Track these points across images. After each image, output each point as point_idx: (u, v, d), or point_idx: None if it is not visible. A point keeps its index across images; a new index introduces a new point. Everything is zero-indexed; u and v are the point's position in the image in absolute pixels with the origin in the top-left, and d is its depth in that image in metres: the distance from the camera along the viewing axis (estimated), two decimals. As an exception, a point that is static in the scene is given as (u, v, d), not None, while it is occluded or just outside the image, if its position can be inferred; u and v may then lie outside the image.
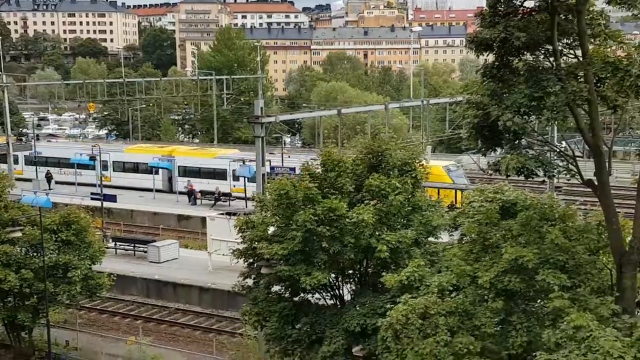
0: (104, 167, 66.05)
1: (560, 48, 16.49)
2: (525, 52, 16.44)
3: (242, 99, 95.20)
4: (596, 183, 16.91)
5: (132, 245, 44.53)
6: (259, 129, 32.74)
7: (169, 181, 63.73)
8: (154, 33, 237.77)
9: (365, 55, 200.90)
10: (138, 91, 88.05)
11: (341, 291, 22.63)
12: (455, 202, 42.17)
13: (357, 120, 78.38)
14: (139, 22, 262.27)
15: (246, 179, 51.74)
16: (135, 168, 65.08)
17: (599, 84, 16.23)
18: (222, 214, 41.55)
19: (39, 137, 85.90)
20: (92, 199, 55.80)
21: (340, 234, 20.54)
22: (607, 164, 16.77)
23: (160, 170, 63.31)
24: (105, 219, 51.27)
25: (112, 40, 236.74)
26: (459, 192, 46.51)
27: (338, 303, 22.49)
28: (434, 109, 76.56)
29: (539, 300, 17.49)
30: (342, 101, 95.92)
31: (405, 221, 21.99)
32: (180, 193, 60.91)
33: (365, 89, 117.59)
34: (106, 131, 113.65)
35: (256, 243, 21.84)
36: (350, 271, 22.37)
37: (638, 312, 17.03)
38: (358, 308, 20.73)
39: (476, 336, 16.44)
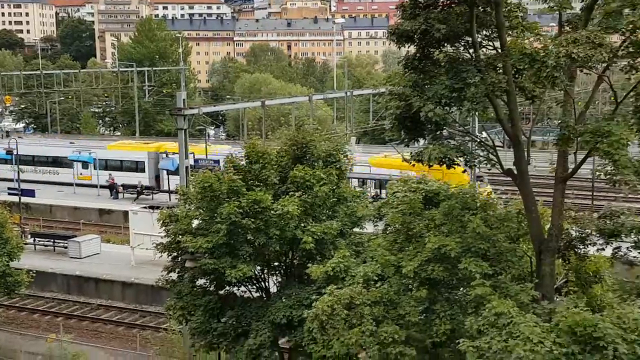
0: (85, 165, 62.80)
1: (479, 40, 16.74)
2: (445, 44, 16.62)
3: (164, 91, 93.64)
4: (516, 172, 17.27)
5: (52, 240, 43.33)
6: (182, 121, 32.34)
7: (157, 179, 60.88)
8: (72, 24, 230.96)
9: (289, 47, 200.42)
10: (56, 83, 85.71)
11: (267, 283, 22.53)
12: None
13: (281, 111, 78.19)
14: (57, 13, 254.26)
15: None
16: (120, 166, 62.16)
17: (517, 75, 16.56)
18: (145, 207, 40.85)
19: None
20: (9, 194, 53.95)
21: (265, 226, 20.43)
22: (525, 153, 17.14)
23: (145, 166, 60.79)
24: (23, 214, 49.67)
25: (28, 31, 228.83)
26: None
27: (264, 295, 22.39)
28: (358, 100, 77.12)
29: (461, 288, 17.73)
30: (266, 93, 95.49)
31: (330, 212, 22.03)
32: (102, 187, 59.46)
33: (290, 81, 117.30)
34: (23, 124, 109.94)
35: (180, 236, 21.52)
36: (276, 263, 22.29)
37: (556, 297, 17.52)
38: (284, 300, 20.67)
39: (401, 325, 16.58)
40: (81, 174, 62.87)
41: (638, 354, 13.34)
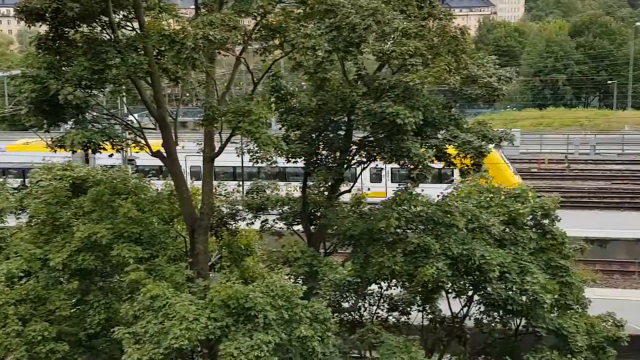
0: None
1: (117, 20, 16.32)
2: (81, 24, 15.91)
3: None
4: (165, 154, 17.27)
5: None
6: None
7: None
8: None
9: None
10: None
11: None
12: None
13: None
14: None
15: None
16: None
17: (159, 57, 16.48)
18: None
19: None
20: None
21: None
22: (173, 134, 17.21)
23: None
24: None
25: None
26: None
27: None
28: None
29: (116, 276, 17.48)
30: None
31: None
32: None
33: None
34: None
35: None
36: None
37: (211, 274, 18.05)
38: None
39: (51, 321, 15.96)
40: None
41: (285, 318, 14.36)
